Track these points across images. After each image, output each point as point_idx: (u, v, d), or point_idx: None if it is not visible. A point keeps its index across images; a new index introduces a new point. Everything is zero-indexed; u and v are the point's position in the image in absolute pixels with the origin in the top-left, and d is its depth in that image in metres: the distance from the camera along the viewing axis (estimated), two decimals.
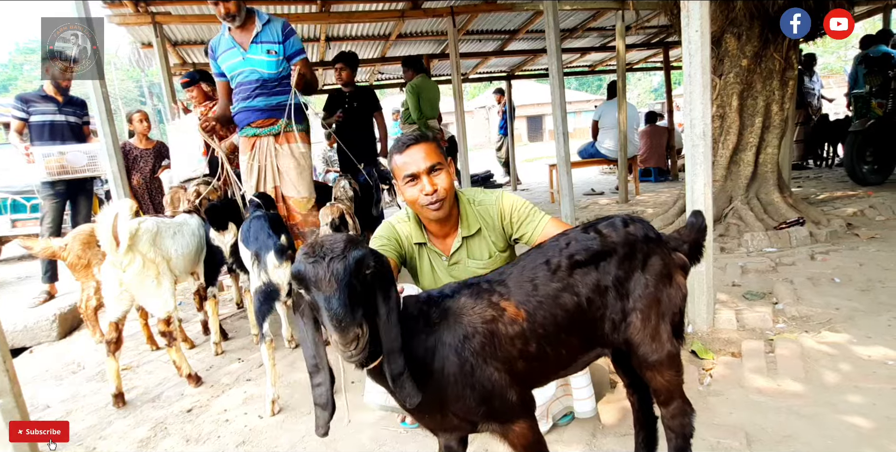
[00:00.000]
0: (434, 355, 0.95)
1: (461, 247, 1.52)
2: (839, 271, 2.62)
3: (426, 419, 1.03)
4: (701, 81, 1.98)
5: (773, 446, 1.38)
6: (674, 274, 1.09)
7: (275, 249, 1.74)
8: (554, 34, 3.39)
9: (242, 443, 1.65)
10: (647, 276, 1.06)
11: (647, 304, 1.05)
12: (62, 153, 3.44)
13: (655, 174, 7.80)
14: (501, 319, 0.98)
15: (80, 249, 2.45)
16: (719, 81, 3.53)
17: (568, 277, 1.02)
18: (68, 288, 3.53)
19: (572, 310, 1.02)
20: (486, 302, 1.00)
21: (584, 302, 1.02)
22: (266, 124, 2.68)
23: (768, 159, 3.59)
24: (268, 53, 2.58)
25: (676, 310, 1.09)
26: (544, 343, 1.00)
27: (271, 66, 2.59)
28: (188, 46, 5.63)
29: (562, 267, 1.03)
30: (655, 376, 1.08)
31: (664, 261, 1.08)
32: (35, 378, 2.44)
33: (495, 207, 1.52)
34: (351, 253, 0.83)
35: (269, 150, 2.69)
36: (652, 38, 7.84)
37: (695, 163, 2.04)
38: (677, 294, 1.09)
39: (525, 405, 1.01)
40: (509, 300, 1.00)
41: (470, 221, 1.51)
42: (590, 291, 1.03)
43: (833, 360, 1.78)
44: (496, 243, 1.54)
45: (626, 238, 1.07)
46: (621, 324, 1.06)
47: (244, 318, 2.97)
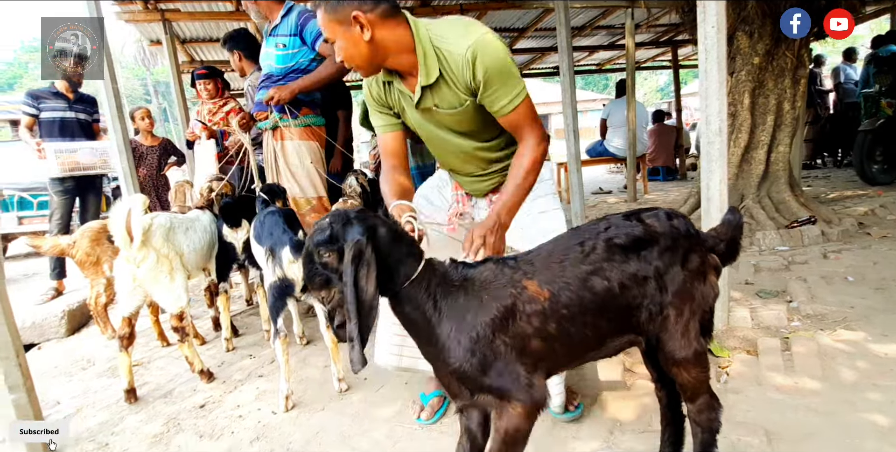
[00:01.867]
0: (442, 315, 0.98)
1: (425, 96, 1.37)
2: (852, 270, 2.60)
3: (438, 375, 1.07)
4: (717, 78, 1.96)
5: (794, 444, 1.36)
6: (708, 273, 1.09)
7: (290, 245, 1.73)
8: (565, 31, 3.37)
9: (256, 439, 1.65)
10: (685, 272, 1.05)
11: (682, 300, 1.04)
12: (74, 150, 3.45)
13: (664, 173, 7.77)
14: (520, 296, 0.99)
15: (88, 246, 2.45)
16: (731, 79, 3.51)
17: (602, 261, 1.01)
18: (76, 284, 3.54)
19: (602, 294, 1.00)
20: (507, 277, 1.01)
21: (616, 287, 1.01)
22: (261, 117, 2.67)
23: (780, 157, 3.56)
24: (276, 47, 2.57)
25: (707, 309, 1.09)
26: (567, 323, 1.00)
27: (279, 59, 2.58)
28: (197, 44, 5.64)
29: (597, 249, 1.02)
30: (682, 372, 1.07)
31: (702, 259, 1.07)
32: (45, 375, 2.44)
33: (463, 63, 1.27)
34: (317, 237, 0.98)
35: (270, 145, 2.69)
36: (661, 37, 7.81)
37: (710, 160, 2.03)
38: (710, 293, 1.08)
39: (529, 388, 0.98)
40: (532, 279, 1.01)
41: (429, 69, 1.32)
42: (626, 277, 1.01)
43: (850, 358, 1.76)
44: (464, 92, 1.35)
45: (670, 230, 1.05)
46: (657, 317, 1.05)
47: (254, 315, 2.97)
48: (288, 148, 2.64)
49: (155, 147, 4.56)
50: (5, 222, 5.49)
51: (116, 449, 1.68)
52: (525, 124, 1.38)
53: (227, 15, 4.74)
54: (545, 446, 1.45)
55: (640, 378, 1.78)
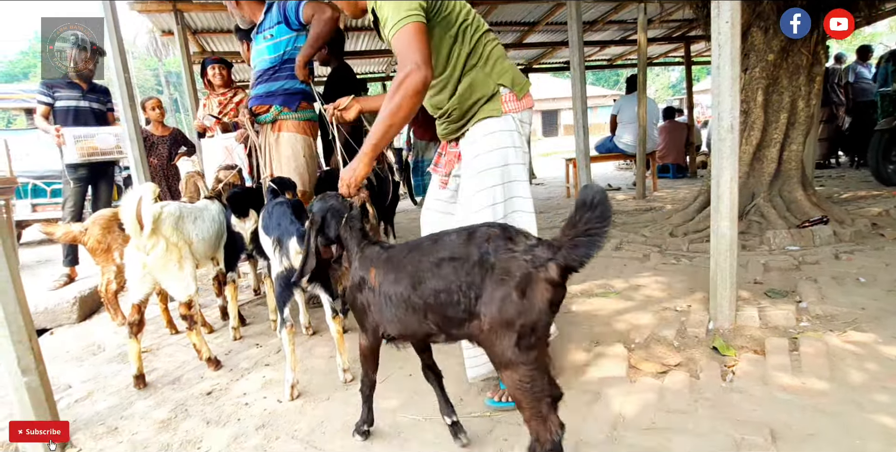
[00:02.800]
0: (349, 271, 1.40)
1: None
2: (864, 271, 2.57)
3: None
4: (730, 74, 1.94)
5: (799, 444, 1.36)
6: (529, 288, 1.05)
7: (297, 235, 1.75)
8: (576, 25, 3.34)
9: (262, 426, 1.67)
10: (497, 287, 1.06)
11: (492, 313, 1.07)
12: (92, 135, 3.48)
13: (674, 170, 7.71)
14: (365, 277, 1.33)
15: (99, 234, 2.48)
16: (744, 76, 3.46)
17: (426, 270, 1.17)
18: (88, 271, 3.59)
19: (420, 295, 1.18)
20: (368, 260, 1.34)
21: (430, 292, 1.16)
22: (261, 110, 2.68)
23: (792, 156, 3.52)
24: (265, 39, 2.60)
25: (527, 323, 1.05)
26: (390, 308, 1.26)
27: (269, 50, 2.60)
28: (208, 34, 5.66)
29: (424, 256, 1.19)
30: (503, 376, 1.12)
31: (519, 274, 1.05)
32: (56, 359, 2.48)
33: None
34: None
35: (267, 139, 2.69)
36: (673, 32, 7.71)
37: (721, 157, 2.01)
38: (529, 307, 1.05)
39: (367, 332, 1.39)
40: (375, 267, 1.31)
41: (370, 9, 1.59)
42: (441, 286, 1.14)
43: (859, 360, 1.74)
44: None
45: (483, 245, 1.10)
46: (468, 324, 1.12)
47: (262, 304, 2.99)
48: (283, 140, 2.65)
49: (165, 137, 4.60)
50: (19, 209, 5.57)
51: (125, 433, 1.71)
52: (400, 53, 1.44)
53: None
54: None
55: (643, 374, 1.78)
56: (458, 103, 1.66)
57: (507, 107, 1.64)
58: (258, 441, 1.58)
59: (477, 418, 1.60)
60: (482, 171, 1.64)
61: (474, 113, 1.66)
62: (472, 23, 1.62)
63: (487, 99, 1.64)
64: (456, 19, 1.58)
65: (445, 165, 1.84)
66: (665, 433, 1.44)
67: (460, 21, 1.59)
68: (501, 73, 1.65)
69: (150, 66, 29.41)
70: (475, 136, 1.66)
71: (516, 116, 1.67)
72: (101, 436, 1.70)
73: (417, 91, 1.42)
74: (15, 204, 5.26)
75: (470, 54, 1.62)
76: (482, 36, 1.64)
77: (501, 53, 1.69)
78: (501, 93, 1.64)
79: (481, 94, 1.64)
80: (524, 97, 1.68)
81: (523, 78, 1.71)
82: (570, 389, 1.73)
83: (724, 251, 2.03)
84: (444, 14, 1.55)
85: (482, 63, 1.63)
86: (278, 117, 2.62)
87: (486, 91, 1.63)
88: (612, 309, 2.39)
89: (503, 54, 1.70)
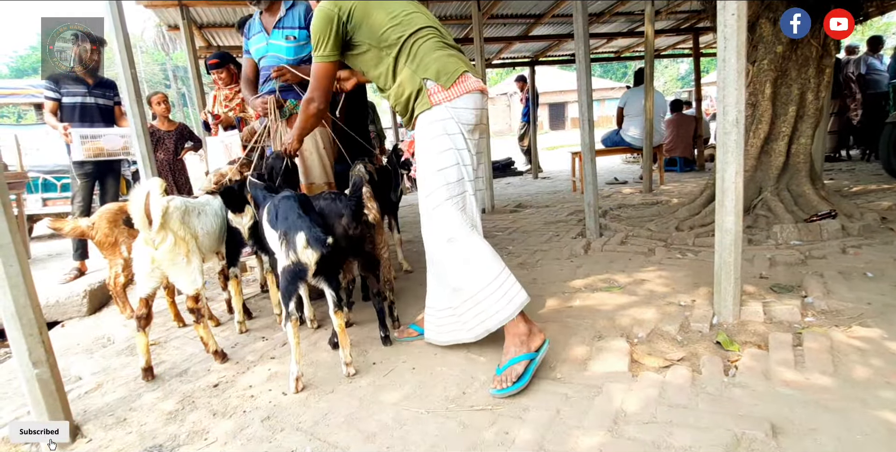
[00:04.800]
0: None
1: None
2: (872, 265, 2.55)
3: None
4: (735, 66, 1.91)
5: (800, 439, 1.36)
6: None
7: (304, 229, 1.76)
8: (582, 17, 3.31)
9: (267, 418, 1.69)
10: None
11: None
12: (98, 136, 3.52)
13: (681, 164, 7.64)
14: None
15: (106, 228, 2.52)
16: (752, 68, 3.42)
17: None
18: (98, 265, 3.64)
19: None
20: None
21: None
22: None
23: (801, 149, 3.48)
24: (286, 39, 2.58)
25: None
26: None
27: (290, 52, 2.59)
28: (214, 29, 5.66)
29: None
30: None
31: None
32: (67, 351, 2.53)
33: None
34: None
35: (282, 133, 2.70)
36: (681, 24, 7.61)
37: (726, 151, 1.99)
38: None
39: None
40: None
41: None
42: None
43: (864, 355, 1.74)
44: None
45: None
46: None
47: (268, 298, 3.02)
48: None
49: (172, 132, 4.62)
50: (30, 204, 5.65)
51: (134, 424, 1.74)
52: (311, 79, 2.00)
53: (243, 0, 4.74)
54: (549, 435, 1.46)
55: (646, 369, 1.78)
56: (395, 101, 1.91)
57: (435, 100, 1.80)
58: (263, 433, 1.61)
59: (479, 411, 1.62)
60: (422, 160, 1.87)
61: (412, 108, 1.88)
62: (398, 26, 1.81)
63: (416, 94, 1.83)
64: (381, 30, 1.82)
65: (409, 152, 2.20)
66: (666, 427, 1.44)
67: (385, 29, 1.81)
68: (426, 67, 1.80)
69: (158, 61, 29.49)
70: (418, 128, 1.89)
71: (449, 105, 1.80)
72: (111, 427, 1.74)
73: (312, 115, 2.08)
74: (26, 198, 5.34)
75: (398, 56, 1.84)
76: (411, 36, 1.82)
77: (432, 47, 1.83)
78: (427, 86, 1.80)
79: (410, 91, 1.84)
80: (454, 85, 1.80)
81: (454, 66, 1.82)
82: (571, 383, 1.74)
83: (729, 246, 2.01)
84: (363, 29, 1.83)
85: (409, 61, 1.82)
86: (293, 111, 2.64)
87: (413, 87, 1.83)
88: (615, 304, 2.39)
89: (435, 48, 1.84)
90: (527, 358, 1.73)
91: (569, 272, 2.99)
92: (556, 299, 2.54)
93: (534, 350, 1.76)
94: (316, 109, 2.04)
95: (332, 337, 2.14)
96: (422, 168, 1.87)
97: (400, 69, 1.85)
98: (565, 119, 31.01)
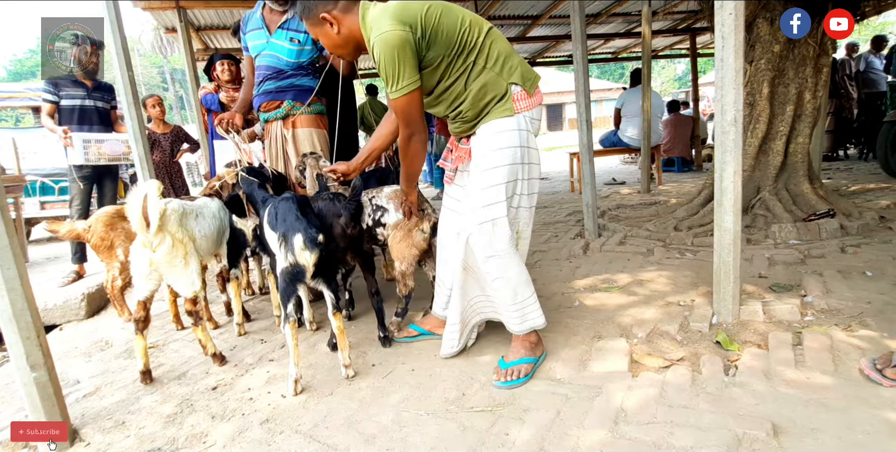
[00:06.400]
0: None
1: None
2: (871, 264, 2.55)
3: None
4: (733, 66, 1.92)
5: (801, 438, 1.35)
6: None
7: (302, 231, 1.75)
8: (579, 18, 3.31)
9: (266, 421, 1.68)
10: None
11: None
12: (101, 141, 3.52)
13: (679, 164, 7.65)
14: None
15: (103, 231, 2.51)
16: (750, 68, 3.43)
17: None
18: (97, 268, 3.63)
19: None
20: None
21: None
22: (270, 107, 2.67)
23: (799, 149, 3.48)
24: (290, 41, 2.58)
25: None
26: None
27: (292, 54, 2.59)
28: (211, 31, 5.66)
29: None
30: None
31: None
32: (65, 355, 2.52)
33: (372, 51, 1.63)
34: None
35: (279, 136, 2.69)
36: (679, 24, 7.63)
37: (724, 151, 1.99)
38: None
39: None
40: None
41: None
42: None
43: (864, 354, 1.73)
44: None
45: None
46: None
47: (266, 300, 3.01)
48: (300, 136, 2.66)
49: (167, 134, 4.62)
50: (28, 207, 5.64)
51: (132, 427, 1.73)
52: (400, 114, 1.70)
53: (241, 2, 4.75)
54: (549, 436, 1.46)
55: (646, 369, 1.78)
56: (472, 105, 1.72)
57: (519, 106, 1.71)
58: (262, 436, 1.60)
59: (479, 412, 1.61)
60: (488, 169, 1.71)
61: (487, 112, 1.73)
62: (470, 28, 1.67)
63: (500, 98, 1.70)
64: (456, 36, 1.65)
65: (455, 161, 1.92)
66: (667, 427, 1.44)
67: (460, 33, 1.65)
68: (511, 71, 1.70)
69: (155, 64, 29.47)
70: (486, 134, 1.73)
71: (527, 115, 1.72)
72: (109, 430, 1.73)
73: (418, 151, 1.79)
74: (24, 201, 5.33)
75: (476, 59, 1.68)
76: (485, 37, 1.69)
77: (509, 50, 1.73)
78: (513, 91, 1.70)
79: (494, 94, 1.70)
80: (535, 93, 1.74)
81: (533, 72, 1.76)
82: (571, 383, 1.73)
83: (728, 245, 2.01)
84: (439, 41, 1.63)
85: (491, 64, 1.69)
86: (291, 112, 2.63)
87: (498, 91, 1.70)
88: (615, 304, 2.39)
89: (511, 50, 1.74)
90: (532, 362, 1.83)
91: (568, 272, 2.99)
92: (555, 299, 2.54)
93: (538, 356, 1.87)
94: (419, 141, 1.75)
95: (331, 339, 2.14)
96: (485, 177, 1.72)
97: (478, 72, 1.68)
98: (563, 120, 31.05)
